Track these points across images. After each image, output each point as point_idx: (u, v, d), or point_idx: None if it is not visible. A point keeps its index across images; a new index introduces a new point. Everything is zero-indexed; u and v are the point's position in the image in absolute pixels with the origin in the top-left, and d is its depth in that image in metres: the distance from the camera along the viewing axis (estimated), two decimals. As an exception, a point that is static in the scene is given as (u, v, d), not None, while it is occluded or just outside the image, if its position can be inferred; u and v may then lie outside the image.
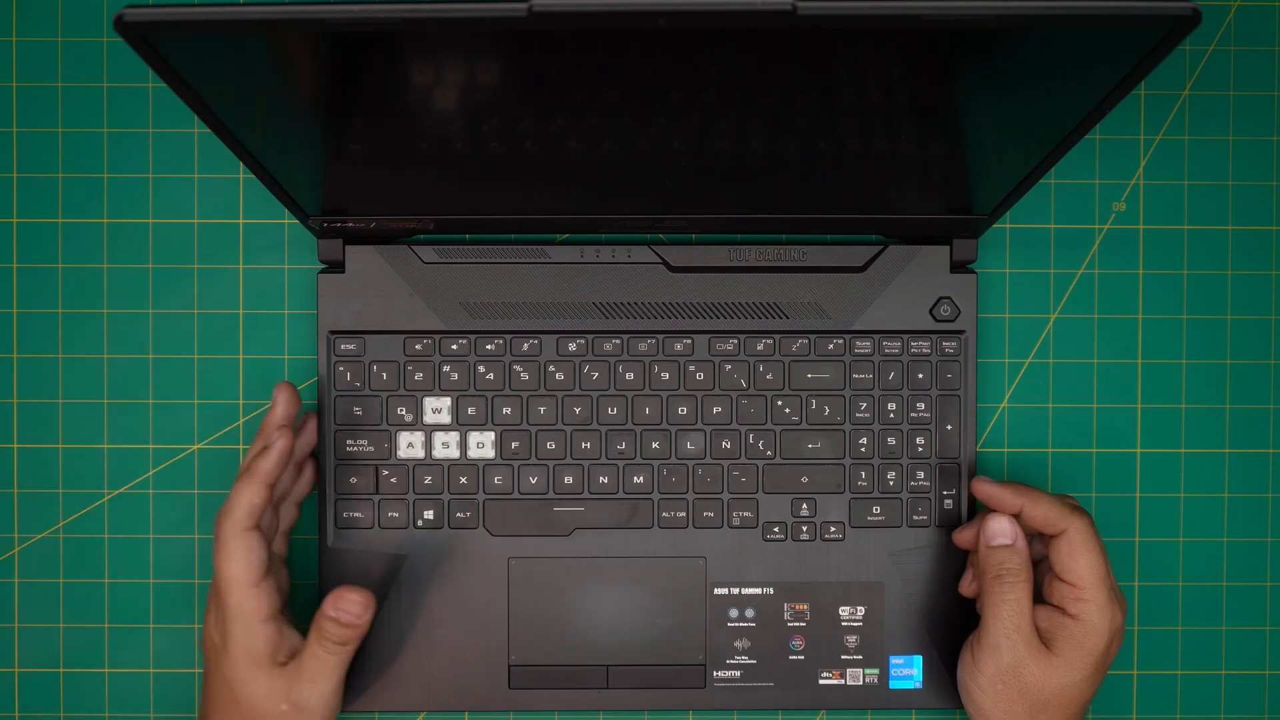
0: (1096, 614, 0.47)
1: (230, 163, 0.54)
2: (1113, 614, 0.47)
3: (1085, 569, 0.47)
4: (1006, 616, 0.48)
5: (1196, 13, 0.32)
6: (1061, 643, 0.47)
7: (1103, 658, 0.47)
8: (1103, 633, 0.47)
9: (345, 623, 0.46)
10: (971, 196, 0.48)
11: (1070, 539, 0.47)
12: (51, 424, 0.54)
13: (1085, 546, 0.47)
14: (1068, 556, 0.47)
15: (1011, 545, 0.48)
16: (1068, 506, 0.48)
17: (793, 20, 0.32)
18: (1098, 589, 0.47)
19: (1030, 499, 0.48)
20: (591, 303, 0.53)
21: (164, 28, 0.33)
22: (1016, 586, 0.48)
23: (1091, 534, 0.47)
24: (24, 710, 0.54)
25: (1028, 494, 0.49)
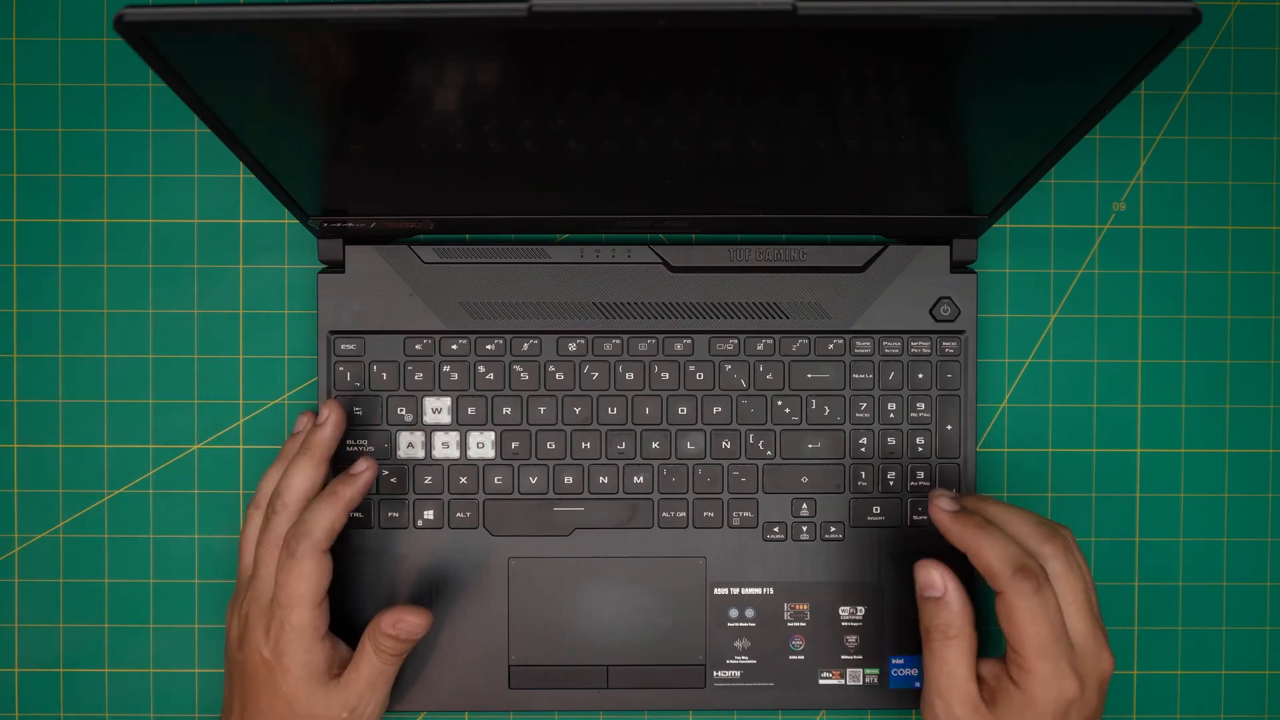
0: (1039, 687, 0.43)
1: (230, 163, 0.54)
2: (1060, 687, 0.43)
3: (1024, 639, 0.43)
4: (936, 676, 0.45)
5: (1196, 13, 0.32)
6: (1002, 707, 0.44)
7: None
8: (1045, 708, 0.43)
9: (404, 639, 0.47)
10: (971, 196, 0.48)
11: (1007, 605, 0.43)
12: (51, 424, 0.54)
13: (1024, 616, 0.42)
14: (1006, 621, 0.43)
15: (940, 599, 0.44)
16: (1012, 566, 0.42)
17: (793, 20, 0.32)
18: (1040, 661, 0.42)
19: (975, 546, 0.44)
20: (591, 303, 0.53)
21: (164, 28, 0.33)
22: (947, 645, 0.44)
23: (1031, 602, 0.42)
24: (24, 710, 0.54)
25: (974, 539, 0.44)
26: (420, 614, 0.47)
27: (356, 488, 0.48)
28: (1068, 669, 0.43)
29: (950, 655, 0.44)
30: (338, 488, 0.48)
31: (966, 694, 0.44)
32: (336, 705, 0.47)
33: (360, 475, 0.48)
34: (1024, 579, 0.42)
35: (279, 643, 0.46)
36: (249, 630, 0.47)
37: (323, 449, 0.49)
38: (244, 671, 0.48)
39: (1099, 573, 0.55)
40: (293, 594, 0.46)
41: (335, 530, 0.47)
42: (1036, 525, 0.45)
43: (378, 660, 0.48)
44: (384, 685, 0.48)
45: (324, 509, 0.47)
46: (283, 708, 0.47)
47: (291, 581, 0.46)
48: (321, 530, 0.46)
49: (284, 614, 0.46)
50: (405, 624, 0.47)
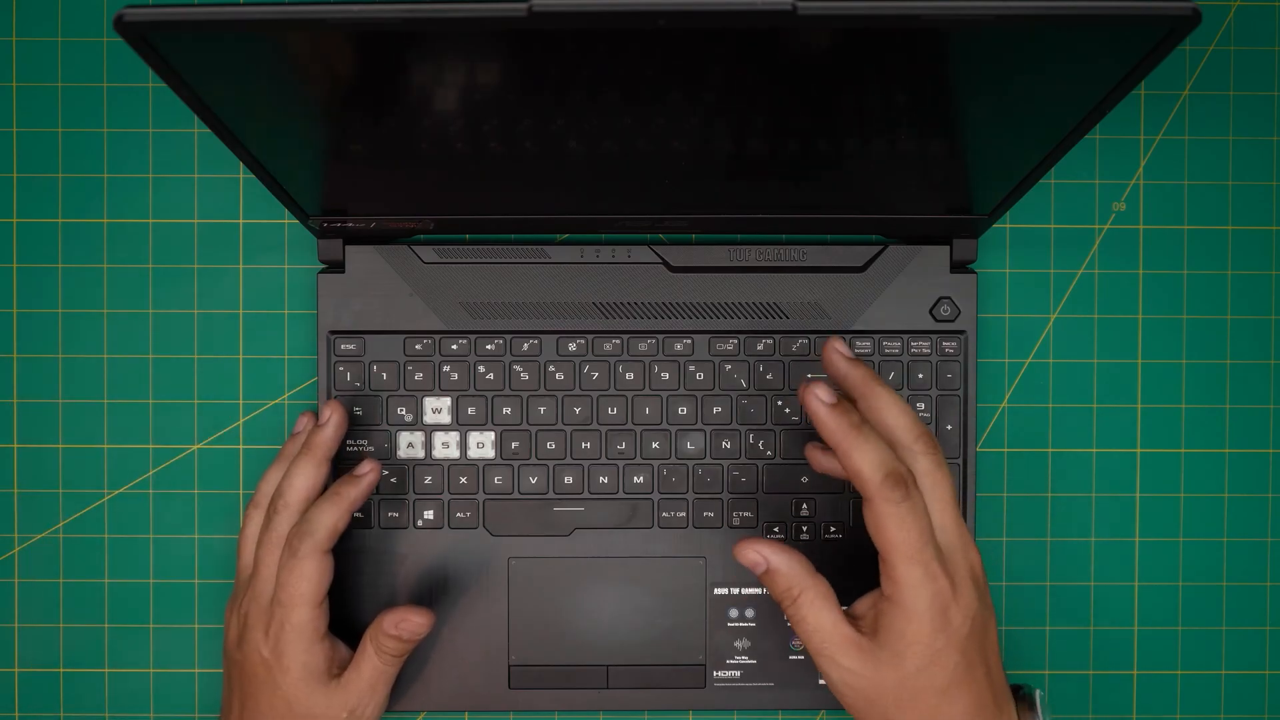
0: (909, 594, 0.41)
1: (230, 163, 0.54)
2: (934, 589, 0.41)
3: (892, 546, 0.41)
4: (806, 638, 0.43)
5: (1196, 13, 0.32)
6: (884, 630, 0.42)
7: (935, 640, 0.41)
8: (921, 613, 0.41)
9: (407, 639, 0.47)
10: (971, 196, 0.48)
11: (875, 513, 0.41)
12: (51, 424, 0.54)
13: (891, 523, 0.41)
14: (874, 529, 0.42)
15: (769, 571, 0.43)
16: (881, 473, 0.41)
17: (793, 20, 0.32)
18: (909, 567, 0.41)
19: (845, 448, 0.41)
20: (591, 303, 0.53)
21: (164, 28, 0.33)
22: (798, 605, 0.43)
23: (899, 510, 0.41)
24: (24, 710, 0.54)
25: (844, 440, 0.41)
26: (423, 614, 0.47)
27: (360, 489, 0.48)
28: (938, 569, 0.41)
29: (807, 613, 0.43)
30: (341, 488, 0.48)
31: (842, 638, 0.43)
32: (336, 705, 0.47)
33: (364, 477, 0.48)
34: (893, 486, 0.41)
35: (279, 642, 0.46)
36: (248, 630, 0.47)
37: (324, 449, 0.49)
38: (243, 671, 0.48)
39: (1099, 573, 0.55)
40: (294, 593, 0.46)
41: (338, 531, 0.47)
42: (910, 422, 0.44)
43: (379, 661, 0.47)
44: (384, 686, 0.48)
45: (327, 509, 0.47)
46: (282, 707, 0.47)
47: (293, 581, 0.46)
48: (324, 530, 0.46)
49: (284, 613, 0.46)
50: (408, 624, 0.47)
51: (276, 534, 0.47)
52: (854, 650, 0.43)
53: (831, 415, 0.42)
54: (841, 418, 0.42)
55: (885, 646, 0.42)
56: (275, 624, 0.46)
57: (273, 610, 0.47)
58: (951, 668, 0.42)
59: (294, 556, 0.46)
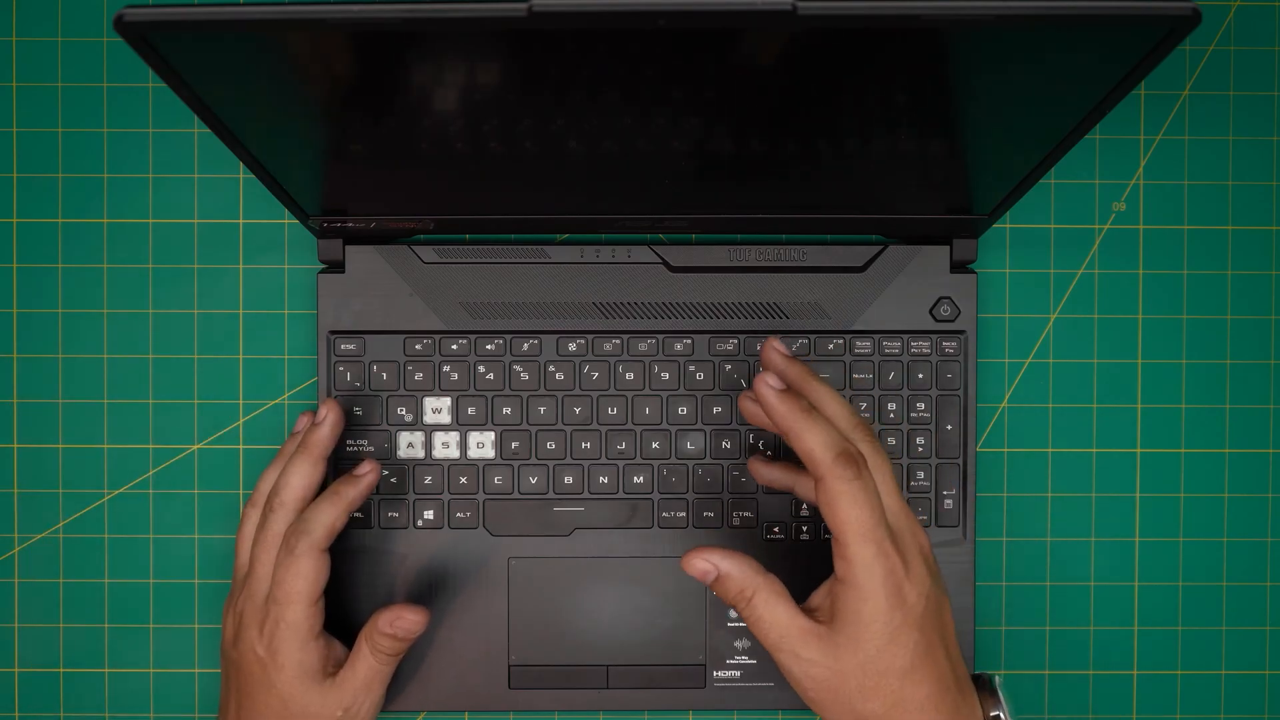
0: (863, 572, 0.41)
1: (230, 163, 0.54)
2: (887, 567, 0.41)
3: (845, 525, 0.41)
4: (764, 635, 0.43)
5: (1196, 13, 0.32)
6: (840, 615, 0.42)
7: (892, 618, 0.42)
8: (875, 591, 0.41)
9: (402, 637, 0.47)
10: (971, 196, 0.48)
11: (828, 491, 0.42)
12: (51, 424, 0.54)
13: (844, 501, 0.41)
14: (826, 508, 0.42)
15: (719, 578, 0.44)
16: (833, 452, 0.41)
17: (793, 20, 0.32)
18: (862, 545, 0.41)
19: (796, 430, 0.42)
20: (591, 303, 0.53)
21: (164, 28, 0.33)
22: (752, 606, 0.43)
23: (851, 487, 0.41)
24: (24, 710, 0.54)
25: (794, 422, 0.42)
26: (418, 612, 0.47)
27: (359, 489, 0.48)
28: (890, 548, 0.42)
29: (763, 611, 0.43)
30: (340, 487, 0.48)
31: (799, 630, 0.43)
32: (331, 704, 0.47)
33: (364, 477, 0.48)
34: (846, 464, 0.41)
35: (273, 640, 0.46)
36: (243, 628, 0.47)
37: (321, 448, 0.49)
38: (239, 669, 0.48)
39: (1099, 573, 0.55)
40: (289, 591, 0.46)
41: (335, 530, 0.47)
42: (849, 413, 0.45)
43: (374, 660, 0.47)
44: (379, 685, 0.48)
45: (325, 508, 0.47)
46: (277, 705, 0.47)
47: (289, 579, 0.46)
48: (322, 529, 0.46)
49: (279, 611, 0.46)
50: (403, 622, 0.47)
51: (273, 532, 0.47)
52: (813, 640, 0.42)
53: (782, 400, 0.43)
54: (792, 402, 0.43)
55: (842, 631, 0.42)
56: (270, 622, 0.46)
57: (268, 608, 0.46)
58: (911, 646, 0.42)
59: (290, 554, 0.46)
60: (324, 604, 0.47)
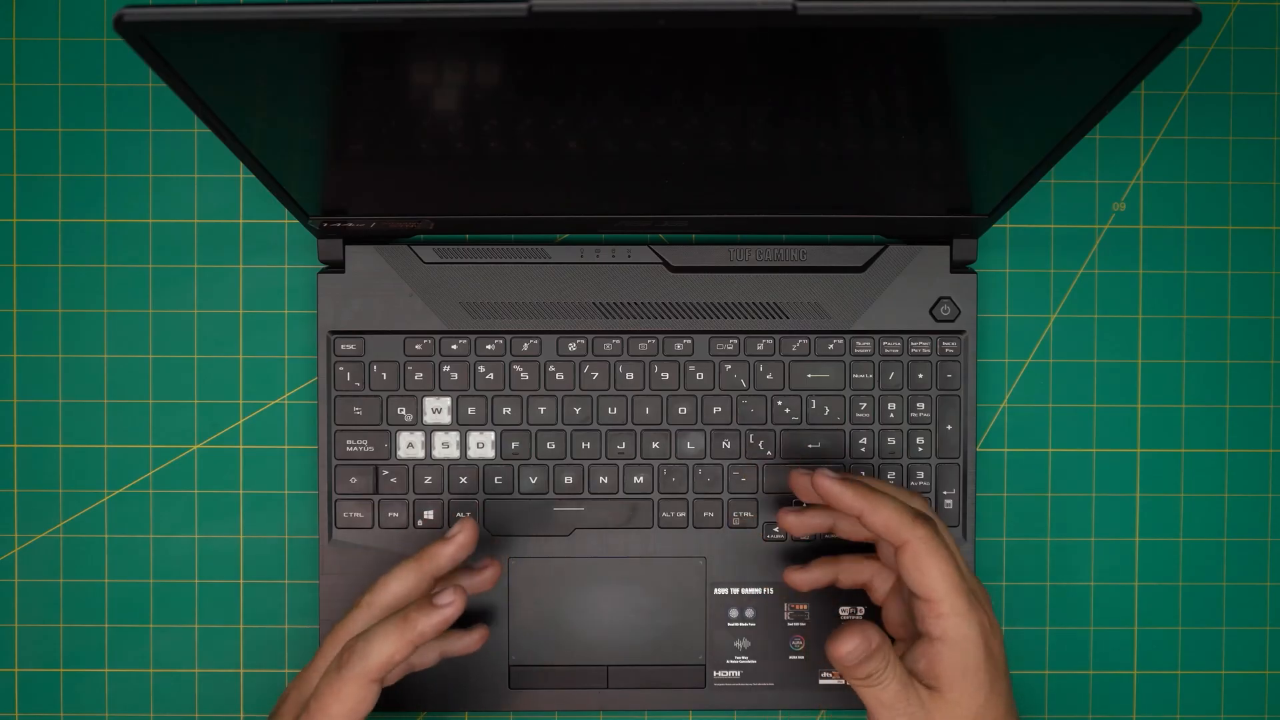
0: (962, 626, 0.42)
1: (230, 163, 0.54)
2: (977, 618, 0.43)
3: (936, 581, 0.42)
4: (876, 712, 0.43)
5: (1196, 13, 0.32)
6: (944, 677, 0.43)
7: (985, 665, 0.43)
8: (973, 641, 0.43)
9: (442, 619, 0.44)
10: (971, 196, 0.48)
11: (914, 551, 0.43)
12: (51, 424, 0.54)
13: (932, 558, 0.42)
14: (914, 569, 0.43)
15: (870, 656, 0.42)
16: (910, 515, 0.43)
17: (793, 20, 0.32)
18: (956, 597, 0.42)
19: (870, 504, 0.43)
20: (591, 303, 0.53)
21: (164, 28, 0.33)
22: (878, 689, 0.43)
23: (936, 543, 0.43)
24: (24, 710, 0.54)
25: (867, 498, 0.43)
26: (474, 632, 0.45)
27: (434, 621, 0.43)
28: (977, 602, 0.43)
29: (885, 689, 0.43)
30: (414, 614, 0.43)
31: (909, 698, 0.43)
32: None
33: (444, 608, 0.43)
34: (924, 525, 0.43)
35: None
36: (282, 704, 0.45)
37: (435, 565, 0.46)
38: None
39: (1099, 573, 0.55)
40: (325, 707, 0.43)
41: (394, 662, 0.43)
42: (902, 490, 0.46)
43: None
44: None
45: (391, 636, 0.43)
46: None
47: (328, 695, 0.43)
48: (377, 659, 0.42)
49: None
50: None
51: (347, 631, 0.45)
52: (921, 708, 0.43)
53: (847, 485, 0.44)
54: (856, 483, 0.44)
55: (950, 692, 0.43)
56: None
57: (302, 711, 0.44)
58: (1004, 694, 0.44)
59: (338, 673, 0.43)
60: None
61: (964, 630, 0.43)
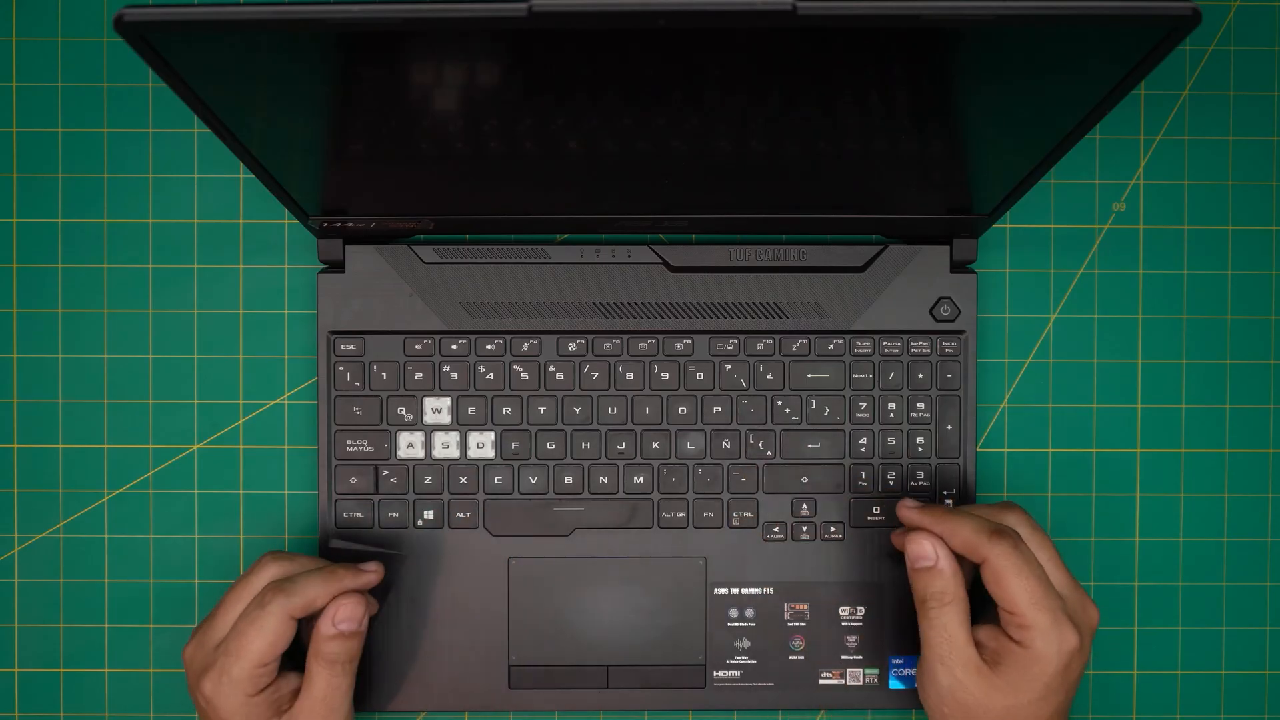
0: (1040, 640, 0.44)
1: (230, 163, 0.54)
2: (1061, 636, 0.44)
3: (1017, 595, 0.44)
4: (936, 643, 0.46)
5: (1196, 13, 0.32)
6: (1006, 665, 0.45)
7: (1055, 680, 0.44)
8: (1050, 659, 0.44)
9: (349, 631, 0.46)
10: (971, 197, 0.48)
11: (992, 568, 0.44)
12: (51, 424, 0.54)
13: (1010, 573, 0.44)
14: (995, 585, 0.45)
15: (934, 568, 0.46)
16: (987, 531, 0.45)
17: (793, 20, 0.32)
18: (1037, 613, 0.44)
19: (949, 528, 0.46)
20: (591, 303, 0.53)
21: (164, 28, 0.33)
22: (944, 611, 0.45)
23: (1015, 559, 0.44)
24: (24, 710, 0.54)
25: (945, 522, 0.46)
26: (355, 600, 0.46)
27: (356, 580, 0.47)
28: (1064, 618, 0.44)
29: (949, 621, 0.45)
30: (340, 570, 0.47)
31: (968, 658, 0.45)
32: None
33: (366, 573, 0.47)
34: (1001, 539, 0.44)
35: (215, 693, 0.45)
36: (189, 673, 0.46)
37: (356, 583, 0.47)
38: (198, 712, 0.47)
39: (1099, 573, 0.55)
40: (244, 645, 0.44)
41: (314, 606, 0.45)
42: (989, 508, 0.48)
43: (329, 674, 0.46)
44: (341, 702, 0.47)
45: (315, 580, 0.46)
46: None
47: (249, 632, 0.44)
48: (302, 597, 0.45)
49: (226, 663, 0.45)
50: (344, 610, 0.45)
51: (250, 588, 0.46)
52: (974, 672, 0.45)
53: (926, 510, 0.47)
54: (936, 509, 0.47)
55: (1004, 676, 0.45)
56: (215, 672, 0.45)
57: (215, 656, 0.45)
58: (1056, 705, 0.45)
59: (260, 608, 0.44)
60: (275, 668, 0.46)
61: (1040, 645, 0.44)
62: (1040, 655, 0.44)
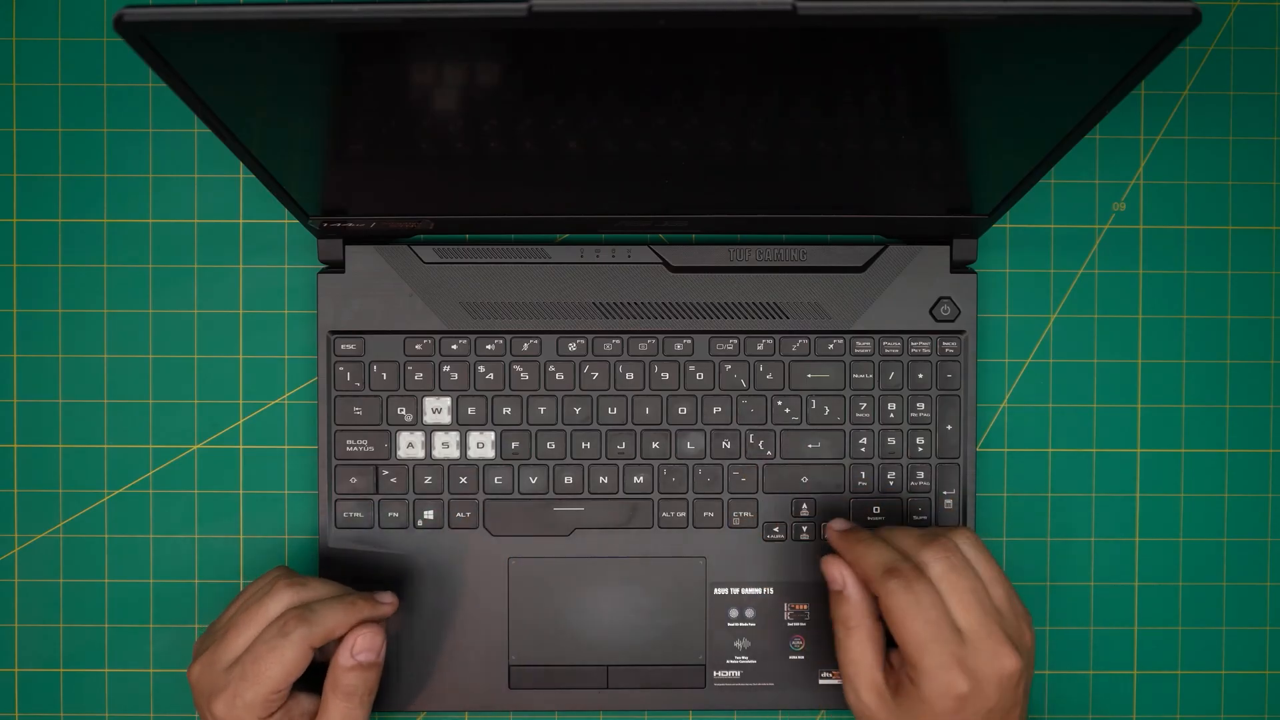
0: (925, 682, 0.43)
1: (230, 163, 0.54)
2: (947, 682, 0.43)
3: (904, 636, 0.43)
4: (844, 664, 0.46)
5: (1196, 13, 0.32)
6: (901, 698, 0.44)
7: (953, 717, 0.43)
8: (934, 700, 0.43)
9: (368, 663, 0.45)
10: (971, 197, 0.48)
11: (884, 605, 0.44)
12: (51, 424, 0.54)
13: (897, 612, 0.43)
14: (888, 620, 0.44)
15: (841, 593, 0.46)
16: (883, 567, 0.44)
17: (793, 20, 0.32)
18: (921, 656, 0.43)
19: (855, 556, 0.46)
20: (591, 303, 0.53)
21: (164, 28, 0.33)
22: (850, 635, 0.46)
23: (903, 599, 0.43)
24: (24, 710, 0.54)
25: (854, 549, 0.46)
26: (372, 631, 0.45)
27: (373, 611, 0.47)
28: (952, 663, 0.43)
29: (853, 645, 0.46)
30: (359, 601, 0.46)
31: (871, 680, 0.45)
32: None
33: (382, 605, 0.47)
34: (891, 578, 0.44)
35: (229, 715, 0.44)
36: (197, 695, 0.45)
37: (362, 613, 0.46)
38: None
39: (1099, 573, 0.55)
40: (261, 672, 0.44)
41: (334, 635, 0.45)
42: (920, 535, 0.46)
43: (346, 706, 0.45)
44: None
45: (336, 610, 0.45)
46: None
47: (268, 658, 0.44)
48: (323, 627, 0.45)
49: (241, 687, 0.44)
50: (364, 641, 0.45)
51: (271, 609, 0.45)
52: (876, 695, 0.45)
53: (842, 536, 0.47)
54: (850, 535, 0.47)
55: (902, 708, 0.45)
56: (227, 696, 0.44)
57: (227, 679, 0.44)
58: None
59: (282, 636, 0.44)
60: (287, 693, 0.45)
61: (925, 688, 0.43)
62: (925, 696, 0.43)
